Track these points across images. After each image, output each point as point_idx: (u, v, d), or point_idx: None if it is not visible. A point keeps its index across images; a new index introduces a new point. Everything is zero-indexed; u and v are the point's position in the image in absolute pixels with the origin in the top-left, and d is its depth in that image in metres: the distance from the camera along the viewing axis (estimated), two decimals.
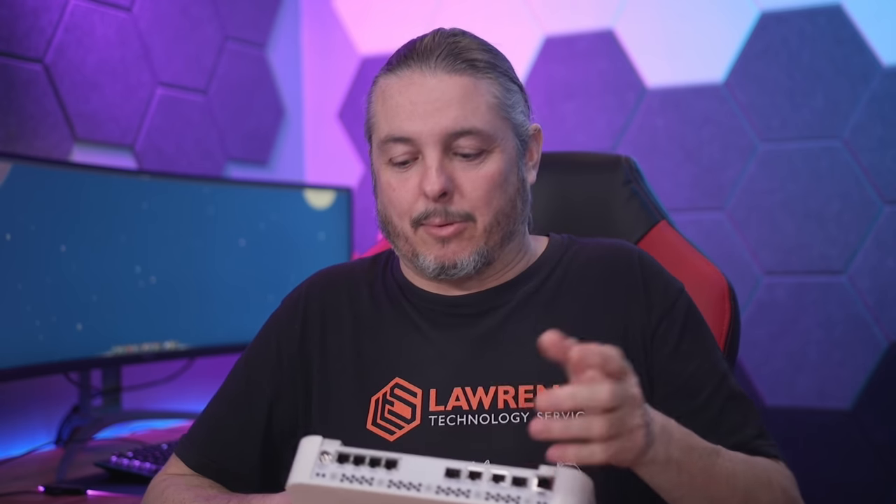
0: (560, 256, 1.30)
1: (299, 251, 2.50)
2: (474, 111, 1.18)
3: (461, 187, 1.19)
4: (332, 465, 0.96)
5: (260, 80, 2.84)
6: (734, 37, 2.52)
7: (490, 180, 1.19)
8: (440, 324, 1.26)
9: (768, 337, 2.48)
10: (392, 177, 1.21)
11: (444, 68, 1.19)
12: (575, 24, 2.68)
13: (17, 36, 2.10)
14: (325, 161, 3.00)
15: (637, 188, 1.54)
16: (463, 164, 1.19)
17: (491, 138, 1.19)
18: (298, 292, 1.35)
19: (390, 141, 1.20)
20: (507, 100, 1.22)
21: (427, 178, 1.17)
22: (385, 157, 1.22)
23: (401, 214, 1.21)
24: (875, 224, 2.38)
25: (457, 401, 1.20)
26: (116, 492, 1.70)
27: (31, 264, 1.90)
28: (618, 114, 2.63)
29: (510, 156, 1.22)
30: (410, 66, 1.21)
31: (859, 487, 2.40)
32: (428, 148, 1.18)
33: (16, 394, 2.08)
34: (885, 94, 2.38)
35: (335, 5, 2.99)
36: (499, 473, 0.93)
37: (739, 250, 2.51)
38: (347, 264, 1.38)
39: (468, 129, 1.18)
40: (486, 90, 1.20)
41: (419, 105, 1.18)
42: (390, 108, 1.21)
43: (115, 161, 2.34)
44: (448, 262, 1.20)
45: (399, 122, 1.19)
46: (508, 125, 1.22)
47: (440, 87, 1.18)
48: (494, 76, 1.21)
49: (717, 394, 1.21)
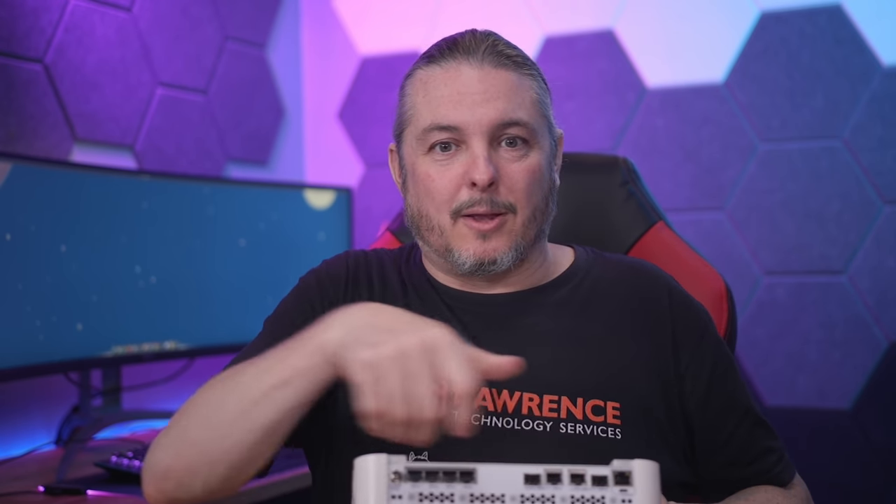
0: (588, 268, 1.29)
1: (299, 251, 2.50)
2: (520, 104, 1.19)
3: (505, 178, 1.18)
4: (407, 486, 0.90)
5: (260, 80, 2.84)
6: (734, 37, 2.52)
7: (532, 173, 1.20)
8: (467, 321, 1.24)
9: (768, 337, 2.48)
10: (431, 167, 1.20)
11: (491, 62, 1.20)
12: (575, 24, 2.68)
13: (17, 36, 2.11)
14: (325, 161, 3.00)
15: (634, 189, 1.54)
16: (508, 156, 1.19)
17: (534, 132, 1.20)
18: (330, 267, 1.29)
19: (434, 129, 1.19)
20: (545, 99, 1.24)
21: (476, 167, 1.17)
22: (424, 147, 1.20)
23: (439, 205, 1.20)
24: (875, 224, 2.38)
25: (483, 400, 1.19)
26: (116, 492, 1.70)
27: (31, 264, 1.90)
28: (618, 114, 2.63)
29: (547, 154, 1.23)
30: (456, 57, 1.20)
31: (859, 487, 2.40)
32: (475, 138, 1.18)
33: (16, 394, 2.08)
34: (885, 94, 2.37)
35: (335, 5, 2.99)
36: (577, 473, 0.90)
37: (739, 250, 2.51)
38: (374, 250, 1.34)
39: (515, 120, 1.18)
40: (528, 86, 1.21)
41: (466, 95, 1.18)
42: (435, 98, 1.20)
43: (115, 161, 2.34)
44: (488, 258, 1.19)
45: (445, 111, 1.18)
46: (546, 123, 1.24)
47: (488, 79, 1.19)
48: (535, 75, 1.24)
49: (742, 425, 1.24)
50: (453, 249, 1.20)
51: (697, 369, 1.23)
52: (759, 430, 1.25)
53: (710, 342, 1.25)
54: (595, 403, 1.18)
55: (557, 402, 1.18)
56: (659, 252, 1.47)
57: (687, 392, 1.22)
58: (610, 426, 1.17)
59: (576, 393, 1.18)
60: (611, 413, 1.17)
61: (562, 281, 1.28)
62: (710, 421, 1.23)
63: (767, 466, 1.24)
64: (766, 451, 1.25)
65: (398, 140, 1.27)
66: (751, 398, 1.27)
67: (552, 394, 1.19)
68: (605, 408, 1.18)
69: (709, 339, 1.26)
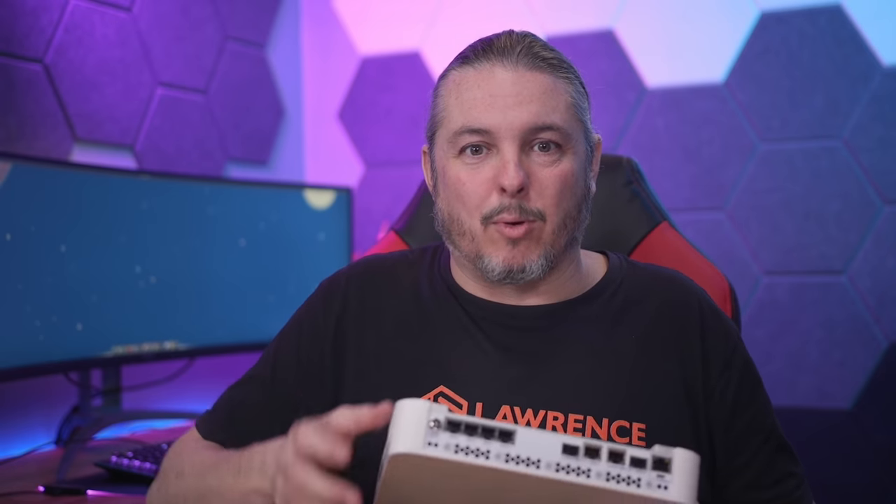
0: (621, 280, 1.26)
1: (299, 251, 2.50)
2: (554, 108, 1.16)
3: (536, 184, 1.16)
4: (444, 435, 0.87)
5: (260, 80, 2.84)
6: (734, 37, 2.52)
7: (564, 180, 1.17)
8: (494, 334, 1.21)
9: (768, 337, 2.48)
10: (462, 171, 1.18)
11: (525, 64, 1.17)
12: (575, 24, 2.68)
13: (17, 36, 2.10)
14: (325, 161, 3.00)
15: (638, 189, 1.54)
16: (540, 161, 1.16)
17: (568, 137, 1.17)
18: (337, 281, 1.29)
19: (465, 132, 1.17)
20: (582, 103, 1.21)
21: (505, 172, 1.14)
22: (455, 150, 1.18)
23: (471, 210, 1.17)
24: (875, 224, 2.38)
25: (504, 419, 1.16)
26: (116, 492, 1.70)
27: (31, 264, 1.89)
28: (618, 114, 2.63)
29: (581, 159, 1.20)
30: (490, 59, 1.18)
31: (859, 487, 2.40)
32: (506, 142, 1.15)
33: (16, 394, 2.07)
34: (885, 94, 2.38)
35: (335, 5, 2.98)
36: (616, 451, 0.89)
37: (739, 250, 2.51)
38: (390, 256, 1.33)
39: (549, 124, 1.15)
40: (564, 89, 1.18)
41: (499, 98, 1.15)
42: (467, 100, 1.17)
43: (115, 161, 2.33)
44: (517, 266, 1.16)
45: (476, 114, 1.16)
46: (582, 128, 1.20)
47: (521, 82, 1.16)
48: (571, 78, 1.20)
49: (765, 447, 1.22)
50: (483, 256, 1.18)
51: (724, 387, 1.20)
52: (782, 454, 1.23)
53: (739, 361, 1.23)
54: (620, 424, 1.16)
55: (583, 421, 1.16)
56: (663, 252, 1.46)
57: (713, 410, 1.20)
58: None
59: (601, 413, 1.16)
60: (636, 434, 1.15)
61: (594, 294, 1.25)
62: (732, 441, 1.20)
63: (788, 491, 1.21)
64: (787, 476, 1.22)
65: (430, 142, 1.24)
66: (776, 420, 1.24)
67: (578, 413, 1.16)
68: (631, 429, 1.16)
69: (738, 358, 1.23)
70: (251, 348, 2.36)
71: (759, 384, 1.24)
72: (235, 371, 1.46)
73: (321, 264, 2.49)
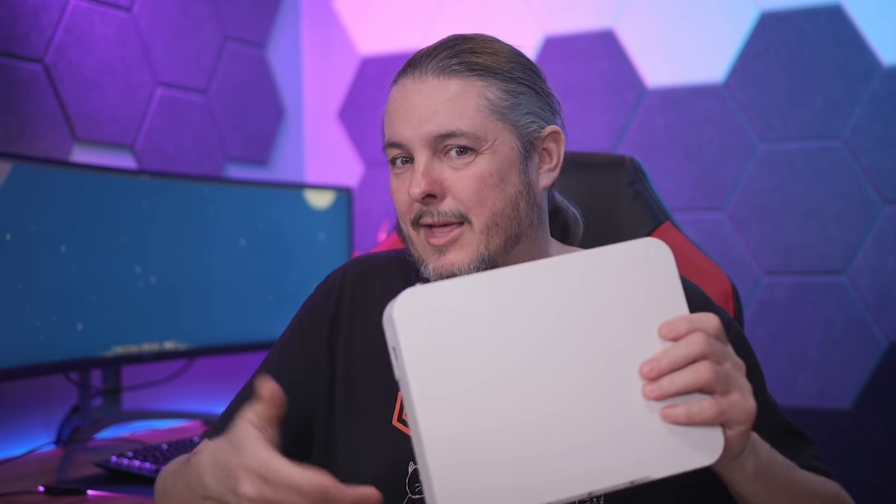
0: None
1: (299, 251, 2.50)
2: (460, 114, 1.18)
3: (451, 188, 1.19)
4: None
5: (260, 80, 2.84)
6: (734, 37, 2.52)
7: (479, 180, 1.18)
8: None
9: (768, 337, 2.48)
10: (393, 181, 1.23)
11: (434, 74, 1.20)
12: (575, 24, 2.68)
13: (17, 36, 2.10)
14: (325, 161, 3.00)
15: (641, 188, 1.54)
16: (452, 165, 1.19)
17: (479, 140, 1.18)
18: (333, 280, 1.33)
19: (389, 146, 1.23)
20: (505, 101, 1.20)
21: (413, 180, 1.18)
22: (390, 161, 1.24)
23: (403, 217, 1.22)
24: (875, 224, 2.39)
25: None
26: (116, 492, 1.70)
27: (31, 264, 1.89)
28: (618, 114, 2.63)
29: (506, 157, 1.20)
30: (406, 73, 1.22)
31: (859, 487, 2.39)
32: (417, 152, 1.19)
33: (16, 394, 2.07)
34: (885, 94, 2.38)
35: (335, 5, 2.98)
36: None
37: (739, 250, 2.51)
38: (386, 254, 1.36)
39: (452, 131, 1.18)
40: (476, 93, 1.19)
41: (409, 111, 1.20)
42: (389, 114, 1.24)
43: (115, 161, 2.33)
44: (447, 273, 1.18)
45: (395, 128, 1.22)
46: (505, 127, 1.20)
47: (426, 92, 1.19)
48: (491, 78, 1.20)
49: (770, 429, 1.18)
50: (423, 262, 1.21)
51: None
52: (793, 436, 1.21)
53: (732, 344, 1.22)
54: None
55: None
56: None
57: None
58: None
59: None
60: None
61: None
62: None
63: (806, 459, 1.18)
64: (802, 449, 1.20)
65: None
66: (779, 408, 1.22)
67: None
68: None
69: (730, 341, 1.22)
70: (251, 348, 2.35)
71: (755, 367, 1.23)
72: (235, 371, 1.46)
73: (321, 264, 2.49)
